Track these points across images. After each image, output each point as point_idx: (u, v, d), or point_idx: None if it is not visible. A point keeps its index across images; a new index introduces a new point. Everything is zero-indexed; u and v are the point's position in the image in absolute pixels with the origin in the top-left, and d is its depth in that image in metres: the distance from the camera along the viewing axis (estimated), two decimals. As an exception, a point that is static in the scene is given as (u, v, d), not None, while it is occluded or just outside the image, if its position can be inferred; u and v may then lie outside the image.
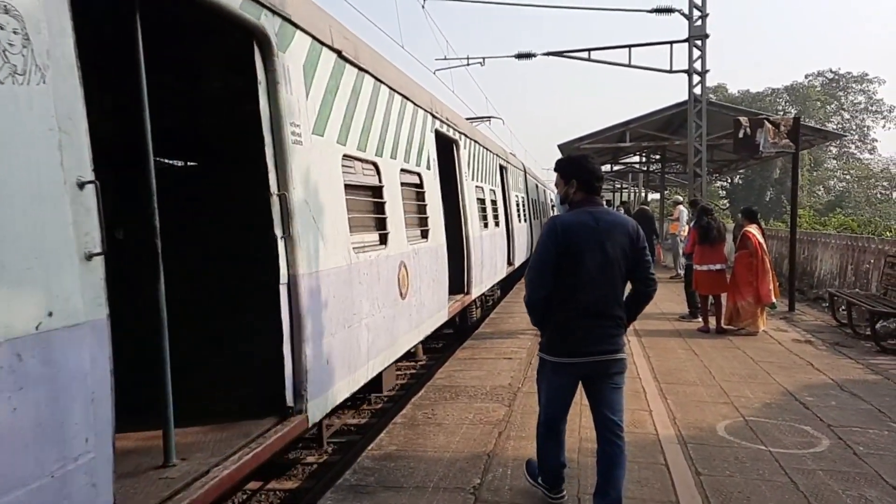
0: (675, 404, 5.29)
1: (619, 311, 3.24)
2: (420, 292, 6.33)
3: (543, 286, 3.22)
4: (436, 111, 7.46)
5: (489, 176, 11.11)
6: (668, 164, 24.61)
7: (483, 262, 9.59)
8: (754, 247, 8.23)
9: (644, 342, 7.83)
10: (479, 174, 10.06)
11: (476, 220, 9.21)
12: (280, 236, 3.60)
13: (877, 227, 15.90)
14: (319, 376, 3.91)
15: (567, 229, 3.18)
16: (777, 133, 9.75)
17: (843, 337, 8.12)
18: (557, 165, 3.43)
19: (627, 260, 3.21)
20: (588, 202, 3.29)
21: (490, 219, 10.60)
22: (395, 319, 5.55)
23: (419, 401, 5.51)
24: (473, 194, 9.35)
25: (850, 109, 48.07)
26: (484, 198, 10.31)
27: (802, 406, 5.24)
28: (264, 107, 3.54)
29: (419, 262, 6.31)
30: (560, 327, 3.22)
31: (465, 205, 8.65)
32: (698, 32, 13.84)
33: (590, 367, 3.22)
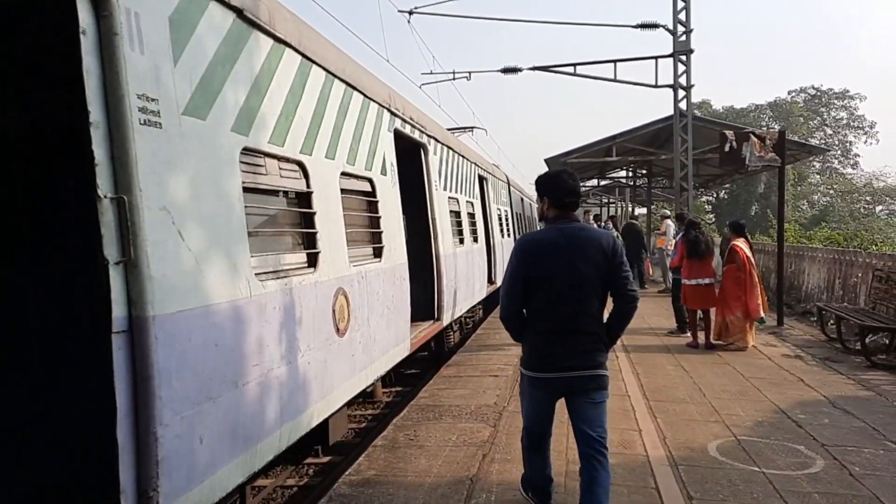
0: (665, 423, 5.14)
1: (594, 328, 3.18)
2: (369, 325, 5.06)
3: (513, 303, 3.27)
4: (395, 108, 6.27)
5: (466, 187, 10.09)
6: (654, 178, 24.70)
7: (458, 283, 8.55)
8: (742, 261, 8.15)
9: (632, 358, 7.69)
10: (453, 184, 9.06)
11: (449, 236, 8.20)
12: (114, 261, 2.46)
13: (863, 241, 15.95)
14: (185, 462, 2.71)
15: (533, 247, 3.21)
16: (763, 147, 9.72)
17: (833, 352, 8.03)
18: (535, 182, 3.43)
19: (602, 275, 3.15)
20: (560, 218, 3.27)
21: (467, 234, 9.57)
22: (329, 363, 4.22)
23: (401, 421, 5.31)
24: (446, 206, 8.34)
25: (832, 125, 48.74)
26: (459, 210, 9.27)
27: (795, 424, 5.10)
28: (90, 68, 2.46)
29: (368, 288, 5.06)
30: (534, 343, 3.24)
31: (436, 218, 7.57)
32: (683, 48, 13.89)
33: (565, 383, 3.19)
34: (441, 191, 8.11)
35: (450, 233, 8.30)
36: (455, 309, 8.44)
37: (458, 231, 9.04)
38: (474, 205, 10.65)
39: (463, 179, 9.80)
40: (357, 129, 5.23)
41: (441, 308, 7.63)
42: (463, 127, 15.88)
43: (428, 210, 7.54)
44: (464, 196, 9.73)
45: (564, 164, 16.93)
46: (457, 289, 8.46)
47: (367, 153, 5.45)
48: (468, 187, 10.20)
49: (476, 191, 10.99)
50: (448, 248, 8.01)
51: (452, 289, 8.17)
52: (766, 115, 47.57)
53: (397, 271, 5.96)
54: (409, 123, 6.87)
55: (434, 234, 7.52)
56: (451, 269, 8.07)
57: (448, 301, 7.93)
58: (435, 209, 7.62)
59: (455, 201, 9.10)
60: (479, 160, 11.74)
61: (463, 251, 9.09)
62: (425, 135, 7.56)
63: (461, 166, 9.75)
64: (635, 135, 16.74)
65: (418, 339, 6.73)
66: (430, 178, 7.64)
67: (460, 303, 8.80)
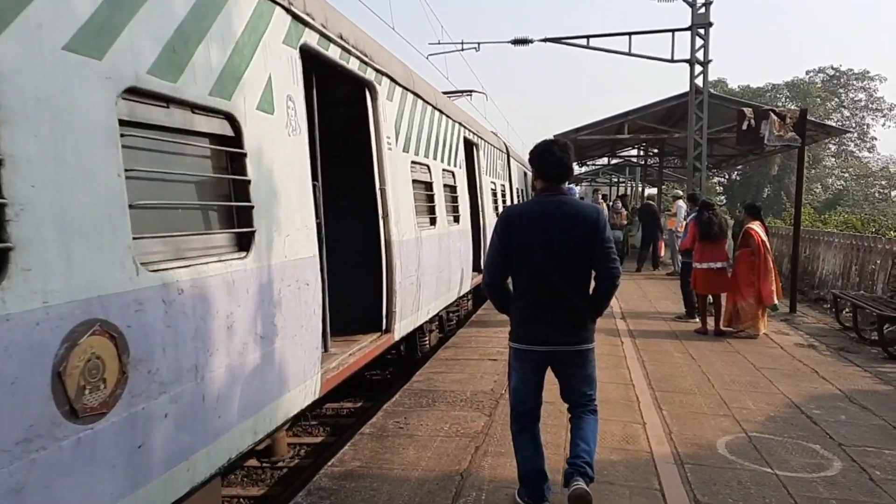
0: (672, 416, 4.85)
1: (577, 301, 3.16)
2: (199, 378, 2.81)
3: (495, 275, 3.27)
4: (303, 10, 4.10)
5: (445, 151, 7.99)
6: (666, 158, 24.16)
7: (423, 279, 6.55)
8: (757, 245, 7.78)
9: (638, 343, 7.38)
10: (422, 145, 6.94)
11: (410, 215, 6.18)
12: None
13: (880, 226, 15.47)
14: None
15: (513, 220, 3.21)
16: (783, 126, 9.28)
17: (848, 342, 7.69)
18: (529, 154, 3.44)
19: (583, 250, 3.12)
20: (547, 191, 3.23)
21: (443, 212, 7.53)
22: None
23: (392, 407, 5.05)
24: (407, 174, 6.30)
25: (850, 107, 47.60)
26: (431, 181, 7.21)
27: (810, 420, 4.80)
28: None
29: (196, 311, 2.79)
30: (518, 316, 3.25)
31: (386, 189, 5.51)
32: (702, 20, 13.34)
33: (549, 356, 3.21)
34: (399, 153, 6.05)
35: (411, 211, 6.24)
36: (419, 313, 6.54)
37: (427, 209, 7.06)
38: (456, 175, 8.54)
39: (439, 141, 7.69)
40: (201, 26, 2.98)
41: (391, 315, 5.61)
42: (459, 91, 13.73)
43: (376, 178, 5.41)
44: (439, 163, 7.65)
45: (575, 139, 16.45)
46: (421, 285, 6.47)
47: (225, 69, 3.16)
48: (448, 152, 8.14)
49: (460, 158, 8.89)
50: (407, 232, 6.00)
51: (413, 287, 6.20)
52: (783, 94, 46.49)
53: (289, 272, 3.70)
54: (339, 45, 4.64)
55: (384, 213, 5.50)
56: (410, 259, 6.06)
57: (406, 303, 5.97)
58: (386, 177, 5.49)
59: (424, 169, 7.03)
60: (466, 120, 9.59)
61: (433, 235, 7.04)
62: (372, 69, 5.34)
63: (436, 123, 7.62)
64: (648, 112, 16.22)
65: (343, 369, 4.66)
66: (378, 131, 5.45)
67: (428, 303, 6.87)
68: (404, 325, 6.02)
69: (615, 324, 8.58)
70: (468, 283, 9.17)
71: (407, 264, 5.96)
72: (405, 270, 5.89)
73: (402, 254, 5.77)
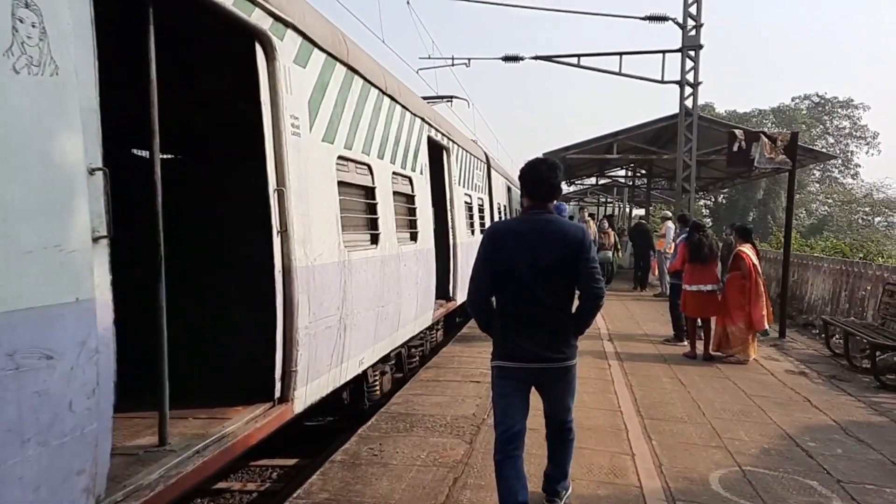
0: (662, 447, 4.60)
1: (561, 319, 3.18)
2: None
3: (479, 291, 3.25)
4: None
5: (396, 150, 6.26)
6: (654, 179, 24.16)
7: (351, 318, 4.87)
8: (748, 268, 7.61)
9: (626, 367, 7.15)
10: (356, 137, 5.17)
11: (328, 230, 4.48)
12: None
13: (868, 252, 15.44)
14: None
15: (499, 237, 3.21)
16: (773, 148, 9.19)
17: (840, 369, 7.51)
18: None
19: (567, 269, 3.14)
20: (532, 209, 3.24)
21: (390, 227, 5.85)
22: None
23: (367, 432, 4.76)
24: (330, 174, 4.61)
25: (834, 134, 48.26)
26: (372, 185, 5.52)
27: (805, 454, 4.58)
28: None
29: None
30: (501, 333, 3.23)
31: (287, 192, 3.90)
32: (692, 42, 13.33)
33: (533, 373, 3.21)
34: (315, 142, 4.34)
35: (334, 224, 4.56)
36: (345, 365, 4.83)
37: (365, 222, 5.42)
38: (415, 183, 6.90)
39: (388, 136, 6.01)
40: None
41: (290, 377, 3.95)
42: (439, 96, 12.89)
43: (269, 175, 3.79)
44: (388, 164, 5.97)
45: (564, 158, 16.36)
46: (349, 328, 4.79)
47: None
48: (402, 153, 6.47)
49: (422, 162, 7.27)
50: (323, 254, 4.32)
51: (334, 331, 4.54)
52: (769, 120, 47.04)
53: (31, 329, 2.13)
54: None
55: (280, 226, 3.84)
56: (327, 292, 4.39)
57: (316, 357, 4.27)
58: (287, 174, 3.88)
59: (362, 169, 5.31)
60: (432, 117, 7.90)
61: (373, 259, 5.35)
62: (267, 13, 3.71)
63: (385, 112, 5.91)
64: (637, 132, 16.17)
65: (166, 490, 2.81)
66: (276, 106, 3.84)
67: (362, 350, 5.19)
68: (315, 388, 4.30)
69: (602, 346, 8.35)
70: (430, 314, 7.55)
71: (321, 300, 4.23)
72: (318, 309, 4.17)
73: (311, 285, 4.07)
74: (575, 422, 3.47)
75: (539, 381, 3.24)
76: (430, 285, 7.48)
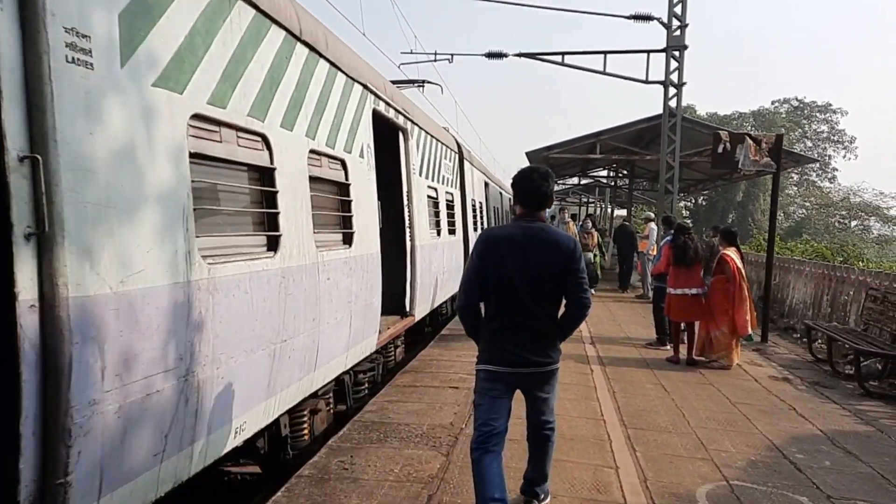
0: (646, 459, 4.41)
1: (547, 325, 3.23)
2: None
3: (469, 295, 3.26)
4: None
5: (317, 120, 4.61)
6: (636, 180, 24.14)
7: (212, 370, 3.17)
8: (732, 272, 7.48)
9: (608, 372, 6.98)
10: (245, 92, 3.61)
11: (164, 235, 2.84)
12: None
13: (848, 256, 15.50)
14: None
15: (492, 243, 3.22)
16: (758, 151, 9.09)
17: (823, 375, 7.42)
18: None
19: (556, 277, 3.18)
20: (525, 216, 3.29)
21: (298, 227, 4.16)
22: None
23: (339, 443, 4.51)
24: (176, 144, 2.96)
25: (812, 137, 48.86)
26: (271, 166, 3.87)
27: (793, 467, 4.42)
28: None
29: None
30: (489, 337, 3.25)
31: (53, 174, 2.25)
32: (677, 42, 13.22)
33: (518, 378, 3.24)
34: (144, 91, 2.77)
35: (166, 223, 2.87)
36: (182, 455, 3.00)
37: (243, 221, 3.71)
38: (349, 167, 5.24)
39: (300, 98, 4.33)
40: None
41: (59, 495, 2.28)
42: (409, 80, 11.56)
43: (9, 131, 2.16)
44: (295, 134, 4.23)
45: (546, 157, 16.20)
46: (203, 386, 3.09)
47: None
48: (323, 121, 4.70)
49: (362, 139, 5.57)
50: (110, 276, 2.49)
51: (156, 408, 2.77)
52: (749, 122, 47.45)
53: None
54: None
55: (35, 229, 2.23)
56: (117, 345, 2.51)
57: (100, 461, 2.45)
58: (49, 127, 2.25)
59: (231, 136, 3.50)
60: (378, 83, 6.13)
61: (236, 277, 3.41)
62: None
63: (287, 57, 4.14)
64: (620, 133, 16.05)
65: None
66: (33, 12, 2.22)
67: (220, 425, 3.30)
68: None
69: (584, 349, 8.18)
70: (374, 338, 5.93)
71: (135, 351, 2.61)
72: (127, 368, 2.56)
73: (106, 329, 2.45)
74: (556, 424, 3.52)
75: (525, 385, 3.30)
76: (371, 301, 5.75)
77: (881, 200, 42.24)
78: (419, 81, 11.66)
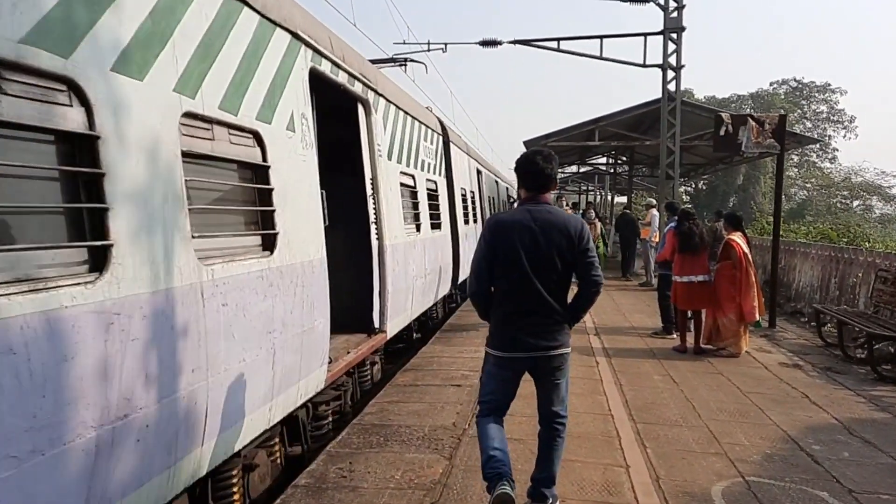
0: (657, 456, 4.24)
1: (557, 309, 3.23)
2: None
3: (480, 282, 3.30)
4: None
5: (200, 71, 3.13)
6: (635, 166, 23.90)
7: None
8: (738, 257, 7.28)
9: (615, 364, 6.80)
10: (55, 16, 2.22)
11: None
12: None
13: (854, 237, 15.27)
14: None
15: (500, 228, 3.24)
16: (761, 132, 8.88)
17: (834, 360, 7.24)
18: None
19: (565, 259, 3.20)
20: (530, 200, 3.30)
21: (167, 233, 2.77)
22: None
23: (337, 448, 4.34)
24: None
25: (812, 118, 48.46)
26: (94, 134, 2.39)
27: (811, 459, 4.24)
28: None
29: None
30: (498, 322, 3.28)
31: None
32: (674, 24, 12.96)
33: (528, 362, 3.26)
34: None
35: None
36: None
37: (83, 222, 2.42)
38: (267, 146, 3.78)
39: (152, 21, 2.77)
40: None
41: None
42: (391, 59, 10.34)
43: None
44: (161, 89, 2.84)
45: (545, 146, 15.94)
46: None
47: None
48: (220, 73, 3.32)
49: (292, 107, 4.21)
50: None
51: None
52: (747, 105, 47.07)
53: None
54: None
55: None
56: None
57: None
58: None
59: (116, 95, 2.51)
60: (318, 34, 4.73)
61: (28, 319, 2.03)
62: None
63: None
64: (618, 118, 15.83)
65: None
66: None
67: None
68: None
69: (589, 340, 8.00)
70: (319, 371, 4.49)
71: None
72: None
73: None
74: (568, 421, 3.40)
75: (533, 370, 3.29)
76: (312, 324, 4.27)
77: (883, 179, 42.00)
78: (400, 59, 10.40)
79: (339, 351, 5.26)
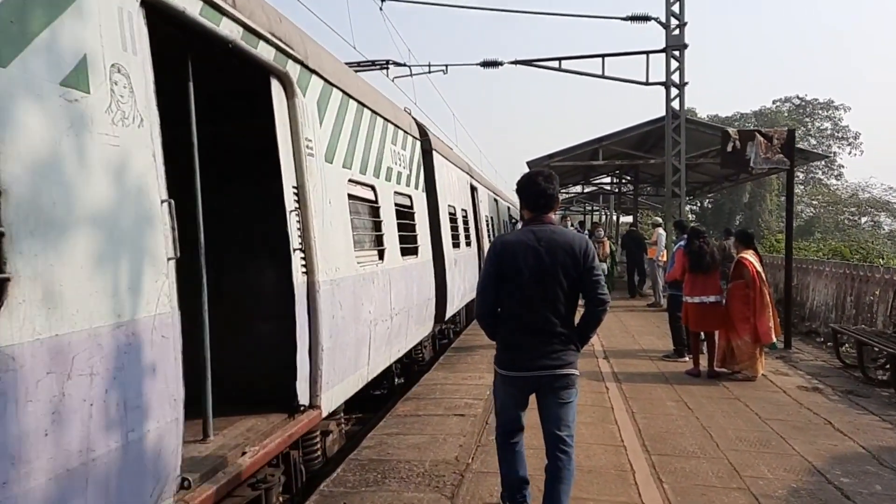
0: (675, 492, 3.94)
1: (564, 328, 3.22)
2: None
3: (486, 302, 3.31)
4: None
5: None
6: (640, 185, 23.70)
7: None
8: (752, 276, 7.01)
9: (625, 390, 6.51)
10: None
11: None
12: None
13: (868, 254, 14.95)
14: None
15: (505, 248, 3.25)
16: (770, 147, 8.66)
17: (855, 383, 6.92)
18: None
19: (571, 279, 3.19)
20: (534, 220, 3.32)
21: None
22: None
23: (331, 487, 4.05)
24: None
25: (816, 135, 48.34)
26: None
27: (841, 494, 3.94)
28: None
29: None
30: (505, 342, 3.31)
31: None
32: (676, 42, 12.86)
33: (534, 381, 3.24)
34: None
35: None
36: None
37: None
38: (41, 127, 2.07)
39: None
40: None
41: None
42: (370, 61, 9.48)
43: None
44: None
45: (548, 167, 15.79)
46: None
47: None
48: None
49: (83, 47, 2.29)
50: None
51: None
52: (751, 123, 46.97)
53: None
54: None
55: None
56: None
57: None
58: None
59: None
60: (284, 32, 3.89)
61: None
62: None
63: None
64: (622, 137, 15.64)
65: None
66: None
67: None
68: None
69: (598, 365, 7.71)
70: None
71: None
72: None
73: None
74: (574, 452, 3.29)
75: (540, 388, 3.26)
76: (144, 429, 2.48)
77: (891, 195, 41.64)
78: (382, 62, 9.34)
79: (229, 451, 3.33)
